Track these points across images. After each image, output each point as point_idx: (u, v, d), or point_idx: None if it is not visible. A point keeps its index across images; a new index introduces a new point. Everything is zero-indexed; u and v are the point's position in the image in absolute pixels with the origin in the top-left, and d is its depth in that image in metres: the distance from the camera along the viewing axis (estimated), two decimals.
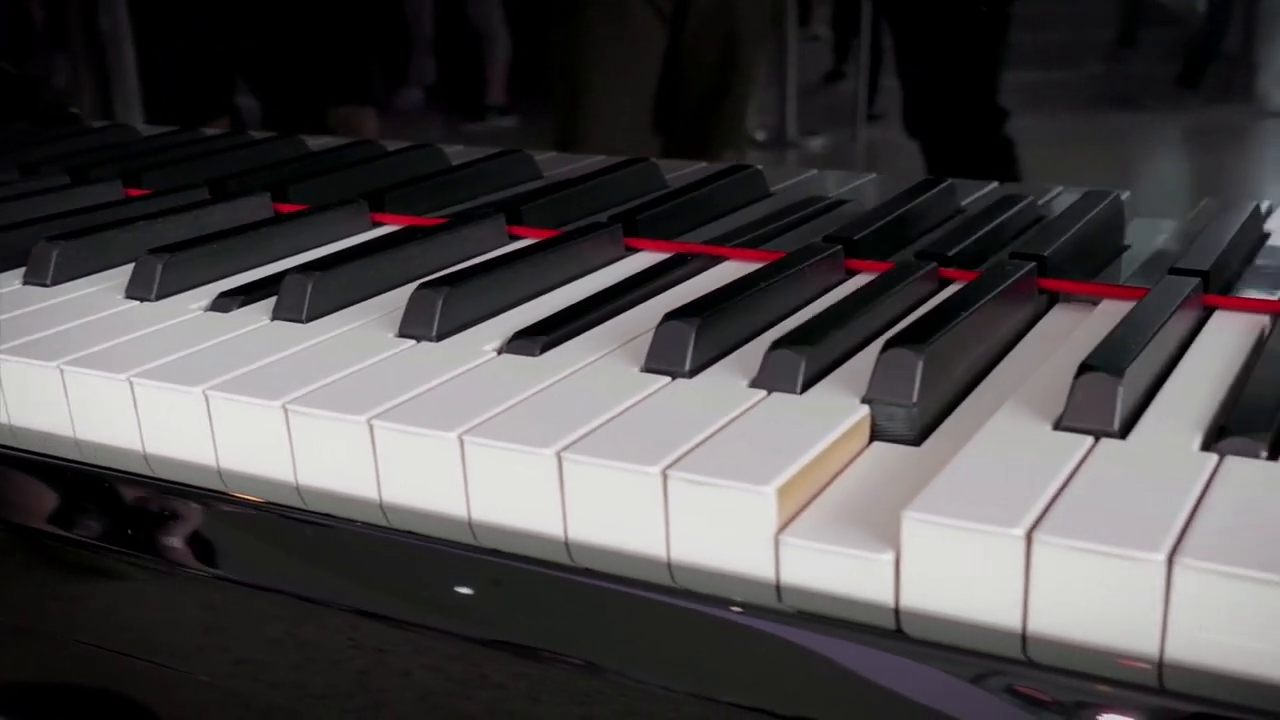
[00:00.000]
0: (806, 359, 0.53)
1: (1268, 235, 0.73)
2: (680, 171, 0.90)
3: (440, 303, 0.61)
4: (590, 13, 0.90)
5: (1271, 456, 0.45)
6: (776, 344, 0.54)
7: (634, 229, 0.76)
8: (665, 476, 0.46)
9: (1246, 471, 0.44)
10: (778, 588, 0.45)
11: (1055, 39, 0.77)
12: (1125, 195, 0.78)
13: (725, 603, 0.43)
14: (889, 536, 0.43)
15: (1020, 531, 0.41)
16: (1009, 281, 0.61)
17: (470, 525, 0.50)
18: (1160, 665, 0.39)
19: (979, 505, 0.42)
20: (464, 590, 0.48)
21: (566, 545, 0.48)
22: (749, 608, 0.43)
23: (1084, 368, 0.49)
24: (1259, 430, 0.46)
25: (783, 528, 0.45)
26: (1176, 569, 0.39)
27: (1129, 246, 0.75)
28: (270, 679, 0.52)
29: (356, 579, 0.50)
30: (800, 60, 0.83)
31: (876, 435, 0.51)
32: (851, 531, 0.44)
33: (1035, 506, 0.42)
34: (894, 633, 0.42)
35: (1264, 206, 0.74)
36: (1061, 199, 0.79)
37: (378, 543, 0.49)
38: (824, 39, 0.83)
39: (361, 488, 0.52)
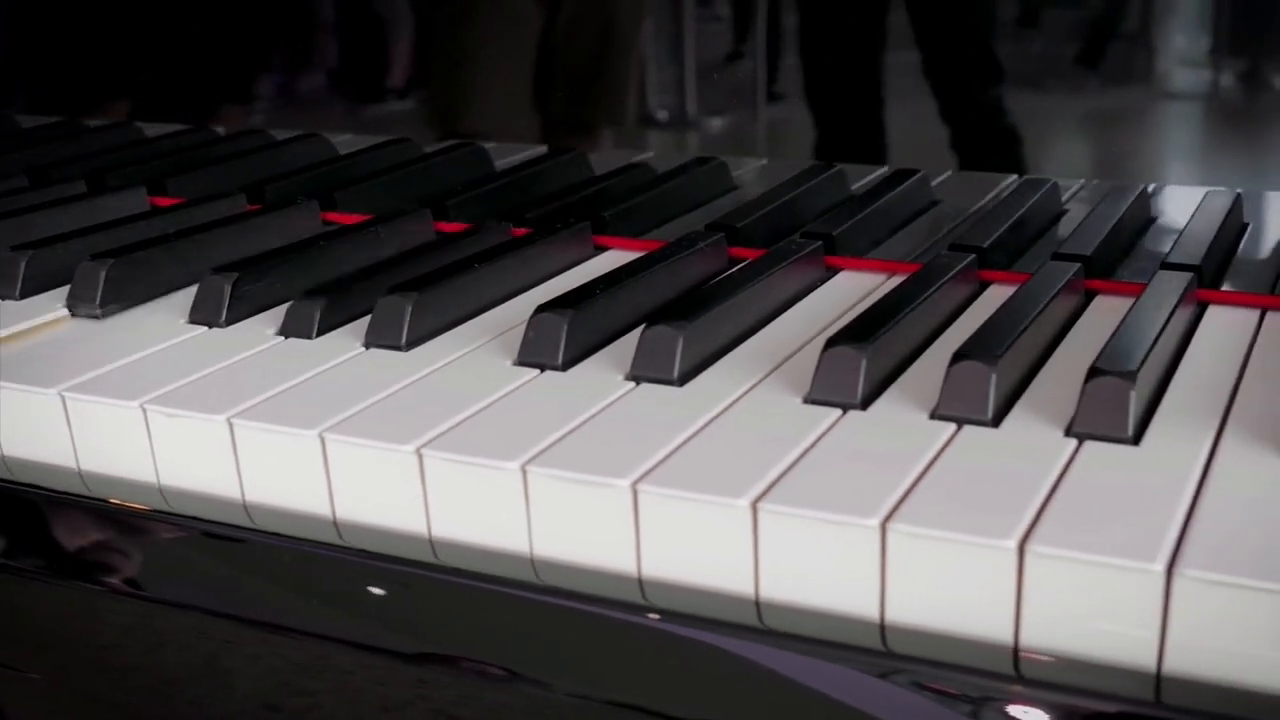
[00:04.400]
0: (321, 309, 0.58)
1: (852, 197, 0.79)
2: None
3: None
4: None
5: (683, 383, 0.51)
6: (302, 297, 0.59)
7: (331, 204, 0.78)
8: (144, 410, 0.51)
9: (656, 395, 0.50)
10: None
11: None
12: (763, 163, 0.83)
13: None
14: None
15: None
16: (553, 237, 0.66)
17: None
18: (532, 561, 0.45)
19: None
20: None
21: (79, 474, 0.53)
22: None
23: (539, 309, 0.54)
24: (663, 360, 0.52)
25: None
26: (531, 476, 0.44)
27: None
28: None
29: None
30: (699, 41, 0.85)
31: None
32: None
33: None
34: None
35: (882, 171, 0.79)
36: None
37: None
38: (725, 19, 0.84)
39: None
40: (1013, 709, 0.37)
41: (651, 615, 0.42)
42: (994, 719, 0.37)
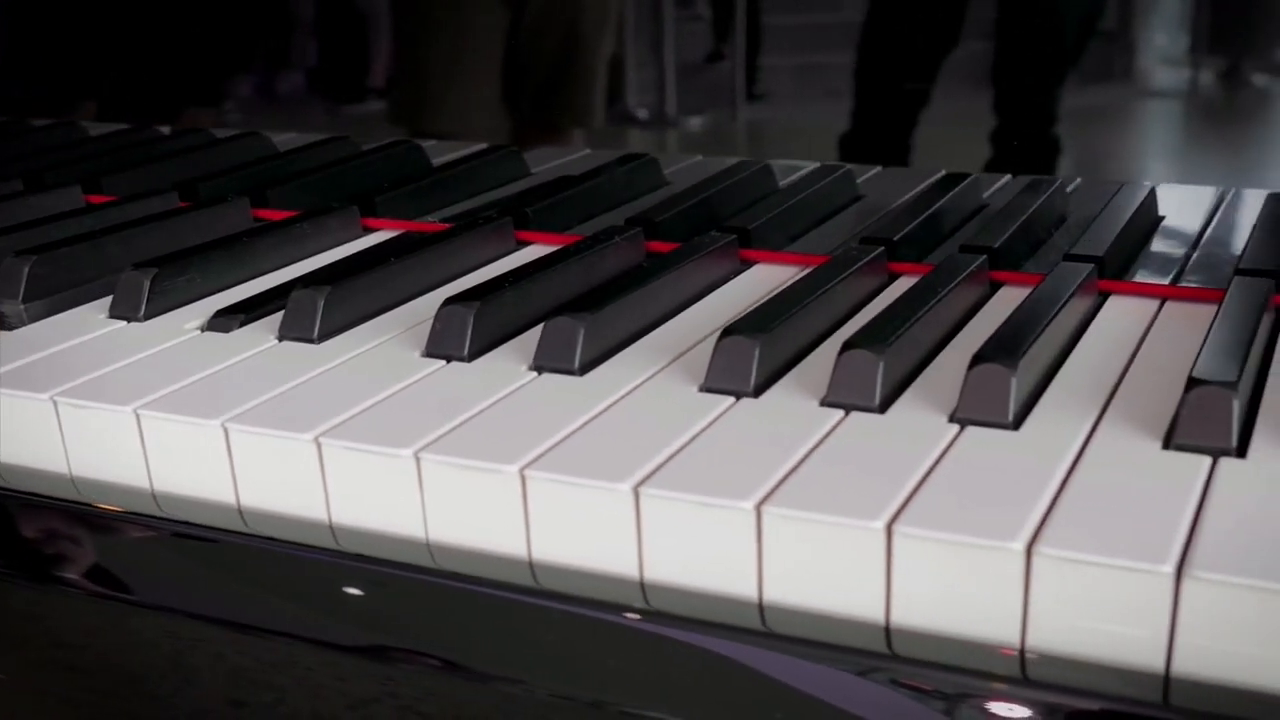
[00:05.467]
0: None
1: (775, 192, 0.80)
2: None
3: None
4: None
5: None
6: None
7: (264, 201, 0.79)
8: (55, 403, 0.52)
9: (555, 385, 0.51)
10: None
11: None
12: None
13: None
14: None
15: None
16: (473, 232, 0.67)
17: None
18: (428, 546, 0.46)
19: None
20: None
21: None
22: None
23: (446, 302, 0.55)
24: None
25: None
26: (424, 463, 0.45)
27: None
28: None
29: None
30: (679, 40, 0.85)
31: None
32: None
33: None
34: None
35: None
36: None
37: None
38: (705, 19, 0.85)
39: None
40: (992, 706, 0.37)
41: (630, 615, 0.42)
42: (971, 717, 0.38)
